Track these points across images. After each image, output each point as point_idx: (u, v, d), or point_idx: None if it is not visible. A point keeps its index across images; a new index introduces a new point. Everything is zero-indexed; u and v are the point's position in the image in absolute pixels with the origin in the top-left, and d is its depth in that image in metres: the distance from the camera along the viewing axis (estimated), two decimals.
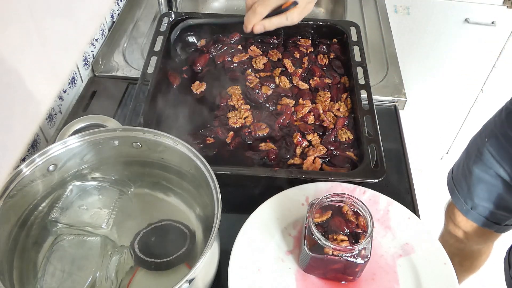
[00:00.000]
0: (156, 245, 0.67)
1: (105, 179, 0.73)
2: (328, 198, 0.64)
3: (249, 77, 0.95)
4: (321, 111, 0.89)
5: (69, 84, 0.96)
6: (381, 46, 1.15)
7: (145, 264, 0.66)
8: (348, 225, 0.63)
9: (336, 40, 1.04)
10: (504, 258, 1.05)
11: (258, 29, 0.86)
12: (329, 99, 0.91)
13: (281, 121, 0.86)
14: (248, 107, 0.89)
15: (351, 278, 0.66)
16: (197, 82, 0.94)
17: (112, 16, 1.17)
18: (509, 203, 1.07)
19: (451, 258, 0.68)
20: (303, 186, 0.75)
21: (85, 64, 1.03)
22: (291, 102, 0.90)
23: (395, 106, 1.01)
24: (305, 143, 0.83)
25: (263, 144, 0.82)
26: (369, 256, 0.62)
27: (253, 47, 1.01)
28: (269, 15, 0.86)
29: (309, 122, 0.87)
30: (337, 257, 0.61)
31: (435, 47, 1.74)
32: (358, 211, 0.64)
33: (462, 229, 1.21)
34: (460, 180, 1.15)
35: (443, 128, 2.01)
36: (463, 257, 1.30)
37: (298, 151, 0.82)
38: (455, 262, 0.68)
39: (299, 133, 0.84)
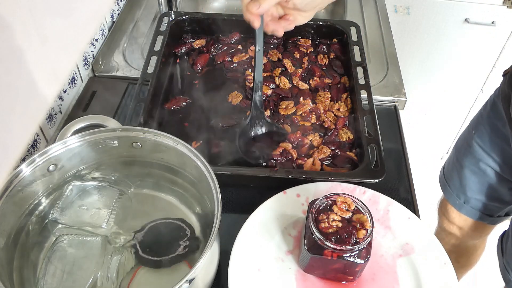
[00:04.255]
0: (156, 243, 0.67)
1: (105, 179, 0.73)
2: (328, 198, 0.64)
3: (249, 77, 0.95)
4: (321, 111, 0.89)
5: (69, 84, 0.96)
6: (381, 46, 1.15)
7: (145, 262, 0.66)
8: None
9: (336, 40, 1.05)
10: (496, 247, 1.05)
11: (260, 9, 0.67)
12: (329, 99, 0.92)
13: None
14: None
15: (351, 278, 0.66)
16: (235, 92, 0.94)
17: (112, 16, 1.17)
18: (500, 193, 1.08)
19: (448, 256, 0.68)
20: (303, 186, 0.75)
21: (85, 64, 1.03)
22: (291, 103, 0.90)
23: (395, 106, 1.01)
24: (300, 140, 0.83)
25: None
26: (369, 256, 0.62)
27: (253, 47, 1.01)
28: None
29: (312, 121, 0.87)
30: (337, 257, 0.61)
31: (435, 47, 1.74)
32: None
33: (456, 225, 1.22)
34: (451, 175, 1.16)
35: (443, 128, 2.01)
36: (458, 253, 1.31)
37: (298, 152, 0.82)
38: (452, 259, 0.69)
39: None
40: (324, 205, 0.64)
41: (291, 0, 0.69)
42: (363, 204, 0.64)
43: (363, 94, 0.88)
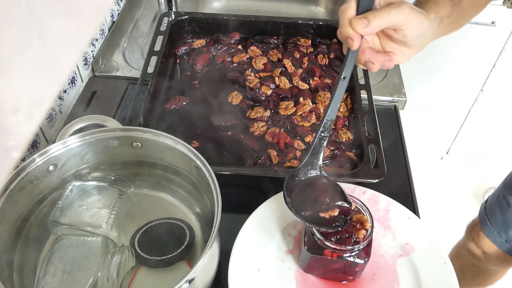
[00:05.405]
0: (156, 243, 0.67)
1: (105, 179, 0.73)
2: None
3: (248, 77, 0.95)
4: (321, 111, 0.89)
5: (69, 84, 0.96)
6: None
7: (145, 261, 0.66)
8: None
9: (336, 40, 1.04)
10: None
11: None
12: (329, 99, 0.91)
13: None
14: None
15: (351, 278, 0.66)
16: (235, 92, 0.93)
17: (112, 16, 1.17)
18: None
19: (463, 271, 0.66)
20: None
21: (85, 64, 1.03)
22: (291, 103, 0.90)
23: (395, 106, 1.01)
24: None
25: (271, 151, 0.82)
26: (369, 256, 0.62)
27: (253, 47, 1.01)
28: None
29: (311, 122, 0.87)
30: (337, 257, 0.61)
31: (435, 47, 1.73)
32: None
33: (484, 251, 1.19)
34: (494, 211, 1.13)
35: (443, 128, 2.01)
36: (476, 273, 1.27)
37: (299, 153, 0.82)
38: (467, 276, 0.67)
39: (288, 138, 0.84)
40: None
41: (402, 30, 0.57)
42: (363, 204, 0.64)
43: (363, 94, 0.88)
